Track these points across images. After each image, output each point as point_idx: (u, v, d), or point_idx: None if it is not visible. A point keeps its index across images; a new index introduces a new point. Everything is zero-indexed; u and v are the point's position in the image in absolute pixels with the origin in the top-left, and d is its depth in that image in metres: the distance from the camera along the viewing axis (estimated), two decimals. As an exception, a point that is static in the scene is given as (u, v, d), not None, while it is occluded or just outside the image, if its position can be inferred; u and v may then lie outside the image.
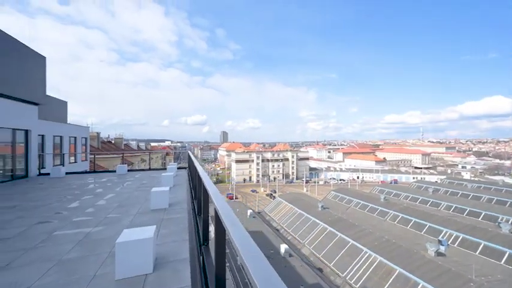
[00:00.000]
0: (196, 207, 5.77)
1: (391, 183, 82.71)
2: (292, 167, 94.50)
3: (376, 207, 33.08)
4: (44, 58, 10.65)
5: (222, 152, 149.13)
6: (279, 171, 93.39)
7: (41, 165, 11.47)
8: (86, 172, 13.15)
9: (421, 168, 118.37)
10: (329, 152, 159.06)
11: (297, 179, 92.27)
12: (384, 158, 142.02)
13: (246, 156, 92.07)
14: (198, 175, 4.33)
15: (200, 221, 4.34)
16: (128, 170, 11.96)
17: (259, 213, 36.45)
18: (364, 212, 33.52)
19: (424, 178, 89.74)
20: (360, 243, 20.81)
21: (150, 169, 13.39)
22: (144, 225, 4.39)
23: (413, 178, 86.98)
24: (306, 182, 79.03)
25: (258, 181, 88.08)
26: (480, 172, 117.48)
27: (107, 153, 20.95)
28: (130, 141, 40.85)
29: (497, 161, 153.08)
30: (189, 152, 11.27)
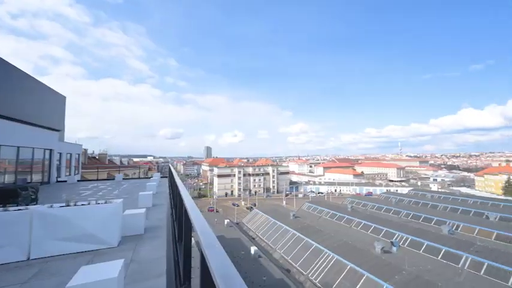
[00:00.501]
0: (177, 232, 5.25)
1: (366, 195, 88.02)
2: (273, 181, 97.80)
3: (344, 215, 36.53)
4: (64, 97, 14.11)
5: (205, 167, 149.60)
6: (260, 185, 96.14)
7: (58, 175, 14.24)
8: (93, 180, 16.16)
9: (394, 181, 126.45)
10: (310, 166, 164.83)
11: (277, 192, 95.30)
12: (362, 172, 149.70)
13: (228, 171, 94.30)
14: (176, 185, 4.85)
15: (181, 250, 3.77)
16: (123, 179, 15.07)
17: (237, 223, 38.50)
18: (333, 221, 36.78)
19: (397, 190, 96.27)
20: (322, 246, 23.76)
21: (139, 178, 16.14)
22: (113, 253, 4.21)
23: (386, 190, 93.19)
24: (285, 196, 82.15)
25: (239, 195, 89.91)
26: (448, 184, 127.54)
27: (98, 167, 22.90)
28: (114, 157, 42.07)
29: (465, 173, 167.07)
30: (169, 165, 14.06)
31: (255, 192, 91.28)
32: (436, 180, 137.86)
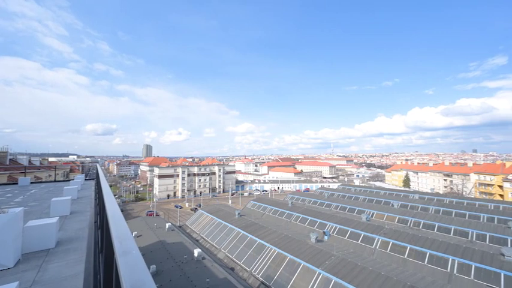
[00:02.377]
0: (100, 242, 4.51)
1: (304, 191, 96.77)
2: (219, 181, 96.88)
3: (285, 211, 39.16)
4: None
5: (144, 168, 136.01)
6: (205, 185, 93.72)
7: None
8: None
9: (327, 177, 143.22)
10: (256, 165, 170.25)
11: (223, 192, 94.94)
12: (301, 170, 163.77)
13: (171, 171, 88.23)
14: (101, 188, 4.20)
15: (103, 262, 3.27)
16: (31, 182, 11.81)
17: (180, 227, 36.46)
18: (275, 216, 39.01)
19: (329, 186, 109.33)
20: (265, 241, 24.85)
21: (55, 181, 13.14)
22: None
23: (321, 186, 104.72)
24: (231, 195, 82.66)
25: (183, 196, 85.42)
26: (367, 179, 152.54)
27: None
28: (19, 156, 33.33)
29: (379, 170, 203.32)
30: (97, 165, 12.10)
31: (200, 193, 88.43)
32: (358, 176, 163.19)
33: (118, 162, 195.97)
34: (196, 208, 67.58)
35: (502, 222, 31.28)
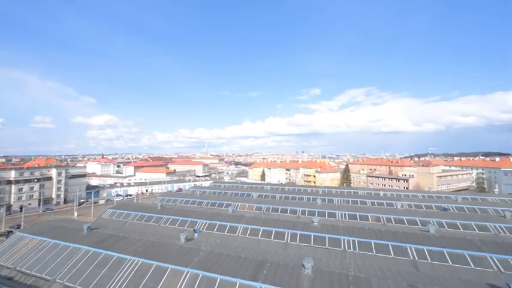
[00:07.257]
0: None
1: (176, 191, 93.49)
2: (59, 188, 71.80)
3: (153, 215, 35.96)
4: None
5: None
6: (32, 196, 65.94)
7: None
8: None
9: (200, 176, 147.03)
10: (118, 166, 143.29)
11: (65, 202, 71.38)
12: (175, 170, 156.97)
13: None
14: None
15: None
16: None
17: (-28, 265, 23.45)
18: (141, 223, 34.93)
19: (202, 184, 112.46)
20: (125, 254, 21.53)
21: None
22: None
23: (194, 185, 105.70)
24: (79, 205, 63.96)
25: (-17, 217, 55.29)
26: (235, 176, 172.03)
27: None
28: None
29: (244, 167, 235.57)
30: None
31: (21, 208, 61.07)
32: (228, 173, 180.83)
33: None
34: (10, 231, 46.22)
35: (313, 200, 46.31)
